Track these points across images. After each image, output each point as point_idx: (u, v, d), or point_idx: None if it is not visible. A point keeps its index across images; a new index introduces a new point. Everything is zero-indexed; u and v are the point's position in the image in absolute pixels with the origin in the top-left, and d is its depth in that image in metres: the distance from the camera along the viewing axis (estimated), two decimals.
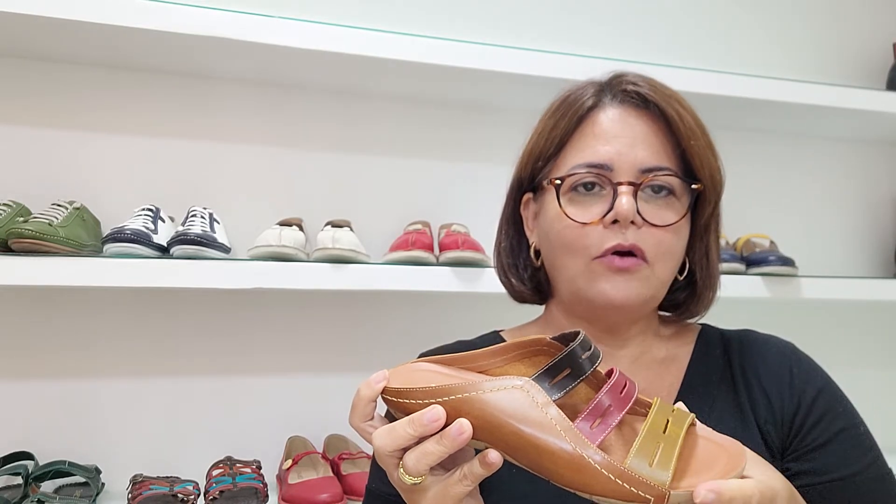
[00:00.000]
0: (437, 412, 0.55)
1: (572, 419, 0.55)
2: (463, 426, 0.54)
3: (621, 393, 0.57)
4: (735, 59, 1.82)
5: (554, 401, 0.55)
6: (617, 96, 0.77)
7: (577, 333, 0.60)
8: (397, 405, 0.58)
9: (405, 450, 0.57)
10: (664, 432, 0.55)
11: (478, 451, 0.58)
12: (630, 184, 0.72)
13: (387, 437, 0.56)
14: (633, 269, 0.72)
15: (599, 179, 0.74)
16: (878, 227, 1.95)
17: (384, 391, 0.59)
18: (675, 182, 0.74)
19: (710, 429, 0.59)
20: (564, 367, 0.57)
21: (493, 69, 1.39)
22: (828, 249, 1.89)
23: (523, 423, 0.54)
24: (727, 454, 0.55)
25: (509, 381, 0.56)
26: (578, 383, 0.57)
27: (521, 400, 0.55)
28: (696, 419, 0.59)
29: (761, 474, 0.55)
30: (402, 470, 0.57)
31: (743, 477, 0.54)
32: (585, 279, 0.74)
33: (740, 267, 1.56)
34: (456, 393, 0.56)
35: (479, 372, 0.64)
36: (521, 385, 0.56)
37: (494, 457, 0.55)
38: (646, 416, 0.58)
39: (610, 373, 0.60)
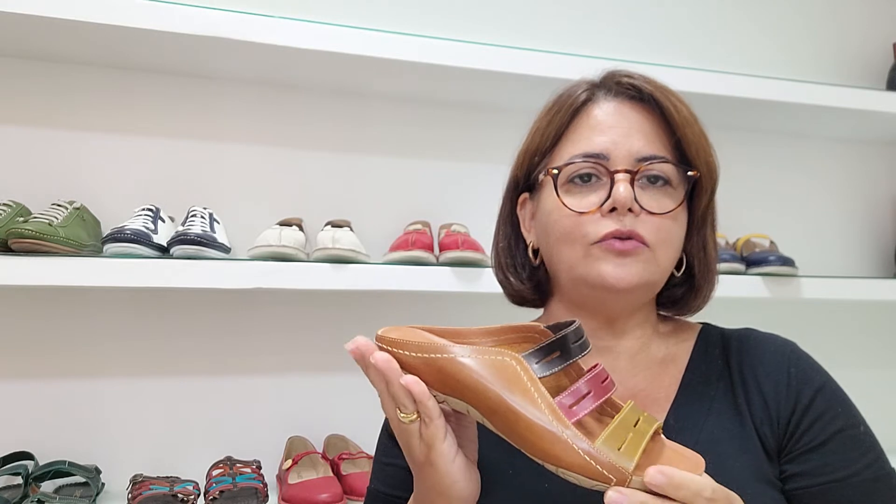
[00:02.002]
0: (380, 354, 0.60)
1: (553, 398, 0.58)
2: (410, 380, 0.60)
3: (602, 383, 0.61)
4: (735, 59, 1.82)
5: (539, 378, 0.59)
6: (611, 90, 0.78)
7: (573, 322, 0.63)
8: (390, 354, 0.62)
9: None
10: (634, 426, 0.59)
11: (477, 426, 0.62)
12: (627, 171, 0.73)
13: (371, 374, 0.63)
14: (634, 251, 0.72)
15: (596, 169, 0.74)
16: (878, 227, 1.95)
17: (379, 339, 0.63)
18: (671, 170, 0.75)
19: (673, 442, 0.62)
20: (555, 350, 0.61)
21: (492, 69, 1.39)
22: (828, 249, 1.89)
23: (507, 390, 0.58)
24: (686, 460, 0.58)
25: (501, 352, 0.60)
26: (566, 366, 0.61)
27: (510, 370, 0.59)
28: (660, 427, 0.62)
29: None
30: (399, 411, 0.61)
31: None
32: (585, 264, 0.73)
33: (740, 267, 1.56)
34: (449, 352, 0.60)
35: None
36: (512, 357, 0.59)
37: (408, 379, 0.60)
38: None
39: (593, 368, 0.63)
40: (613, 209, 0.72)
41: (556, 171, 0.75)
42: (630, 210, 0.72)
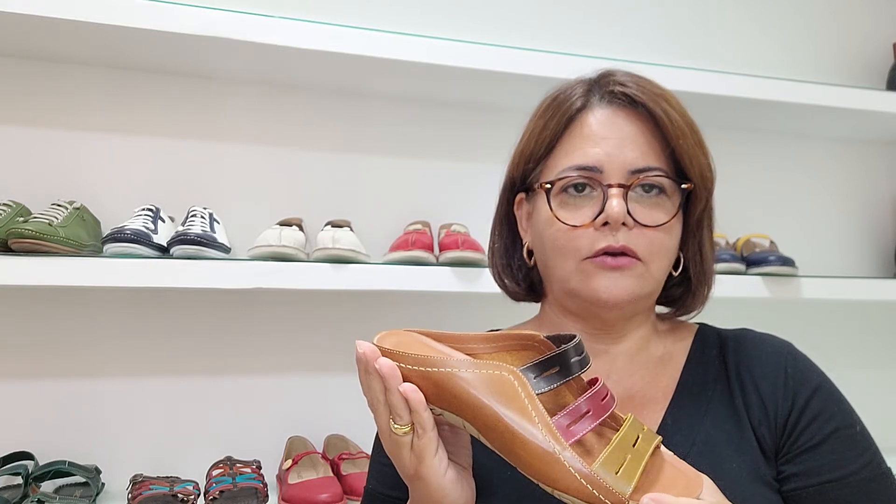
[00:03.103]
0: (385, 360, 0.60)
1: (551, 416, 0.57)
2: (408, 388, 0.59)
3: (602, 401, 0.59)
4: (735, 59, 1.82)
5: (537, 395, 0.57)
6: (605, 97, 0.77)
7: (573, 336, 0.61)
8: None
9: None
10: (633, 446, 0.57)
11: (473, 439, 0.61)
12: (620, 186, 0.72)
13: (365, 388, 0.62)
14: (626, 267, 0.72)
15: (589, 182, 0.74)
16: (878, 227, 1.95)
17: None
18: (664, 181, 0.74)
19: (674, 455, 0.61)
20: (554, 365, 0.59)
21: (492, 69, 1.39)
22: (828, 249, 1.89)
23: (504, 407, 0.57)
24: (685, 479, 0.57)
25: (499, 366, 0.58)
26: (564, 382, 0.59)
27: (507, 385, 0.57)
28: (661, 443, 0.61)
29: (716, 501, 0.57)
30: (392, 421, 0.61)
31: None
32: (578, 279, 0.74)
33: (740, 267, 1.56)
34: (446, 366, 0.58)
35: (468, 354, 0.65)
36: (510, 372, 0.58)
37: (406, 387, 0.59)
38: (618, 430, 0.60)
39: (593, 382, 0.62)
40: (606, 223, 0.72)
41: (549, 186, 0.75)
42: (623, 224, 0.72)
